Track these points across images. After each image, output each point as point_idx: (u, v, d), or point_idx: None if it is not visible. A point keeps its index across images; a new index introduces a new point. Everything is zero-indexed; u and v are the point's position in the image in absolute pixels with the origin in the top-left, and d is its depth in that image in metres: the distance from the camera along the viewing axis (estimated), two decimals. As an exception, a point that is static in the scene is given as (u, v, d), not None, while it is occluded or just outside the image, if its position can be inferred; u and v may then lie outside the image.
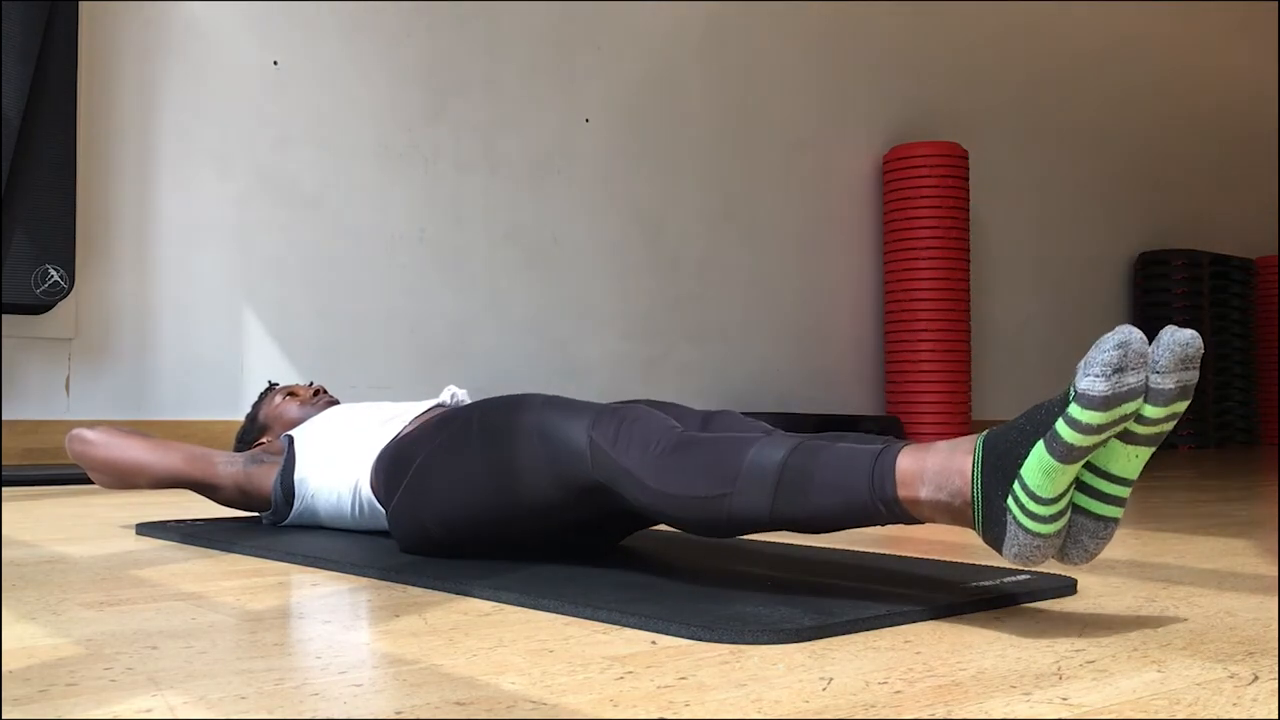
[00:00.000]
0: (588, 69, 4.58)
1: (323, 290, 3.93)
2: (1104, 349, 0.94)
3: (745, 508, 1.11)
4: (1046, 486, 0.98)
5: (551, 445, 1.26)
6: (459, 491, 1.35)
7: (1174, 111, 6.98)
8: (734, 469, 1.12)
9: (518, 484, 1.30)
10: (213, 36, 3.76)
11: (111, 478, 1.78)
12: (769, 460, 1.11)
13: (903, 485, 1.05)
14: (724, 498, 1.12)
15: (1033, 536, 0.99)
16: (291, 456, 1.72)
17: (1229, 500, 2.50)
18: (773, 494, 1.10)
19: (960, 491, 1.03)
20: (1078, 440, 0.96)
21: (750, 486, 1.11)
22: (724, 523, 1.13)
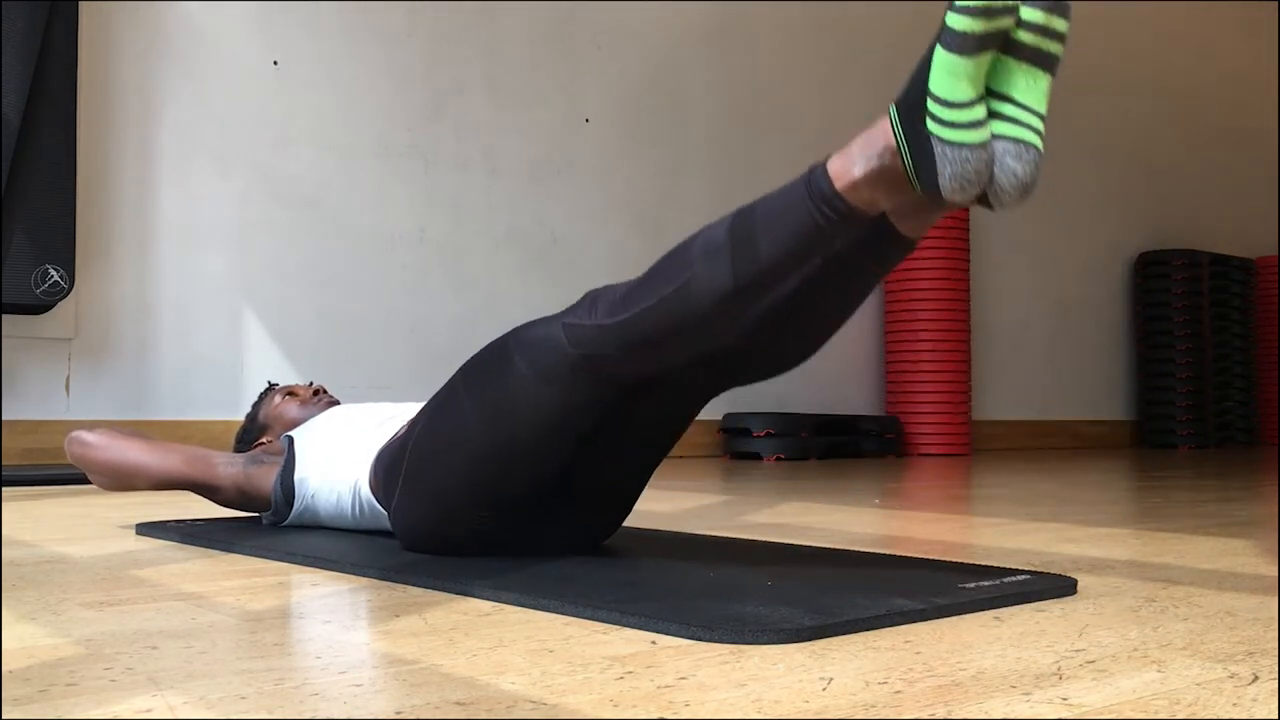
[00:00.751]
0: (588, 69, 4.58)
1: (323, 290, 3.93)
2: None
3: (709, 282, 1.15)
4: (955, 88, 1.04)
5: (530, 349, 1.28)
6: (458, 448, 1.34)
7: (1174, 111, 6.98)
8: (688, 257, 1.18)
9: (510, 406, 1.29)
10: (213, 36, 3.76)
11: (111, 479, 1.78)
12: (716, 234, 1.17)
13: (837, 178, 1.10)
14: (687, 284, 1.16)
15: (959, 149, 1.04)
16: (291, 457, 1.72)
17: (1229, 500, 2.50)
18: (729, 257, 1.14)
19: (886, 146, 1.08)
20: (969, 25, 1.03)
21: (707, 262, 1.15)
22: (696, 310, 1.16)
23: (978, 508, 2.34)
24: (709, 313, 1.15)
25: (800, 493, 2.76)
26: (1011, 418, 5.95)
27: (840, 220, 1.11)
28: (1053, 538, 1.75)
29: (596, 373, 1.25)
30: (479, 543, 1.40)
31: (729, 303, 1.14)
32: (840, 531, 1.86)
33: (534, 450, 1.32)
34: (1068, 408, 6.26)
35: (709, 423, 4.80)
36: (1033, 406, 6.07)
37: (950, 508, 2.33)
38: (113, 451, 1.77)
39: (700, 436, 4.77)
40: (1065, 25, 1.06)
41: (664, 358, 1.23)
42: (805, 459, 4.58)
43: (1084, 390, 6.35)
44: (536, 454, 1.32)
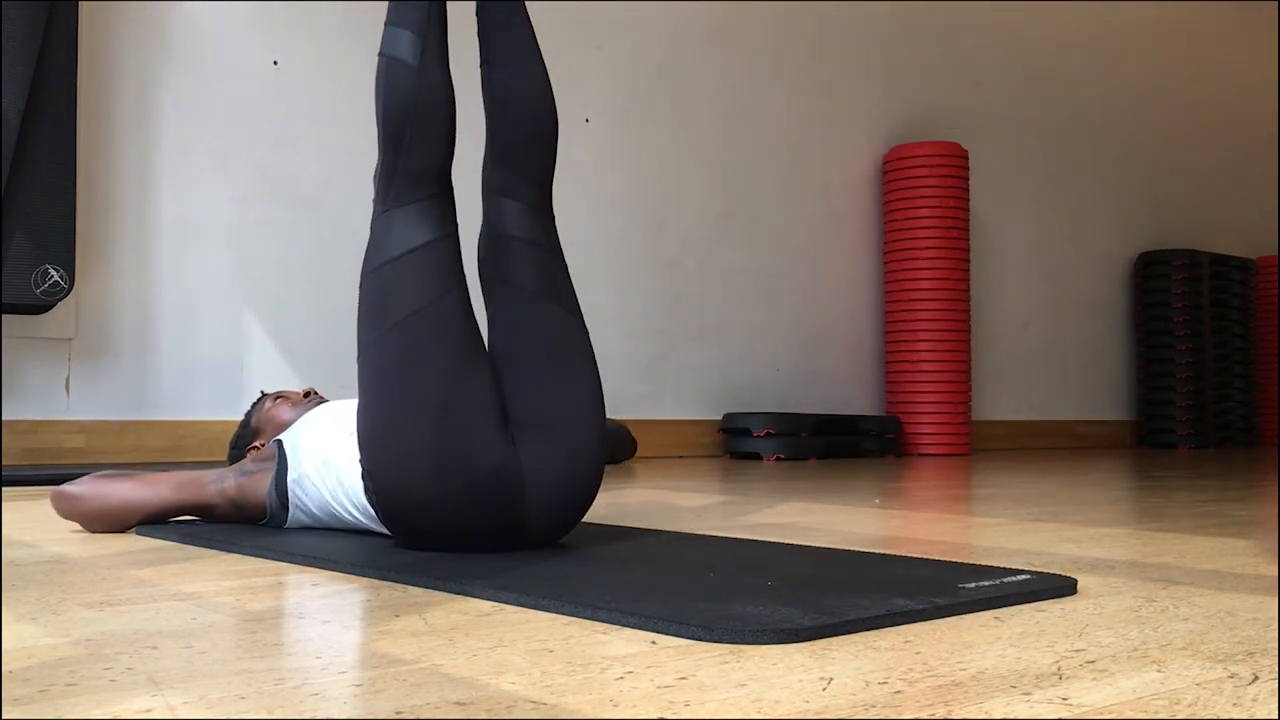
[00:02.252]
0: (588, 69, 4.58)
1: (323, 290, 3.93)
2: None
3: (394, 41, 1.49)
4: None
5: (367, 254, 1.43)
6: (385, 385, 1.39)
7: (1174, 111, 6.98)
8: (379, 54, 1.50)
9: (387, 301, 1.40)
10: (213, 36, 3.76)
11: (106, 524, 1.78)
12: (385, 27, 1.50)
13: None
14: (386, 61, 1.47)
15: None
16: (283, 460, 1.72)
17: (1229, 500, 2.50)
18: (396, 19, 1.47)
19: None
20: None
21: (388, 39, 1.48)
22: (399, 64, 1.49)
23: (978, 508, 2.34)
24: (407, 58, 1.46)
25: (800, 493, 2.76)
26: (1011, 418, 5.96)
27: None
28: (1053, 538, 1.75)
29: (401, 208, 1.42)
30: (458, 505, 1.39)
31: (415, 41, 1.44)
32: (840, 531, 1.86)
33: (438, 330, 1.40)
34: (1068, 408, 6.26)
35: (709, 423, 4.80)
36: (1033, 406, 6.07)
37: (950, 508, 2.34)
38: (101, 498, 1.76)
39: (700, 436, 4.78)
40: None
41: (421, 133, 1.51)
42: (805, 459, 4.58)
43: (1084, 390, 6.35)
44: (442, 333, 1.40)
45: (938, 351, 5.08)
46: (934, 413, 5.07)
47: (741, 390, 4.95)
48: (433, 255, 1.39)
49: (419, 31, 1.45)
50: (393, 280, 1.39)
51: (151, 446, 3.57)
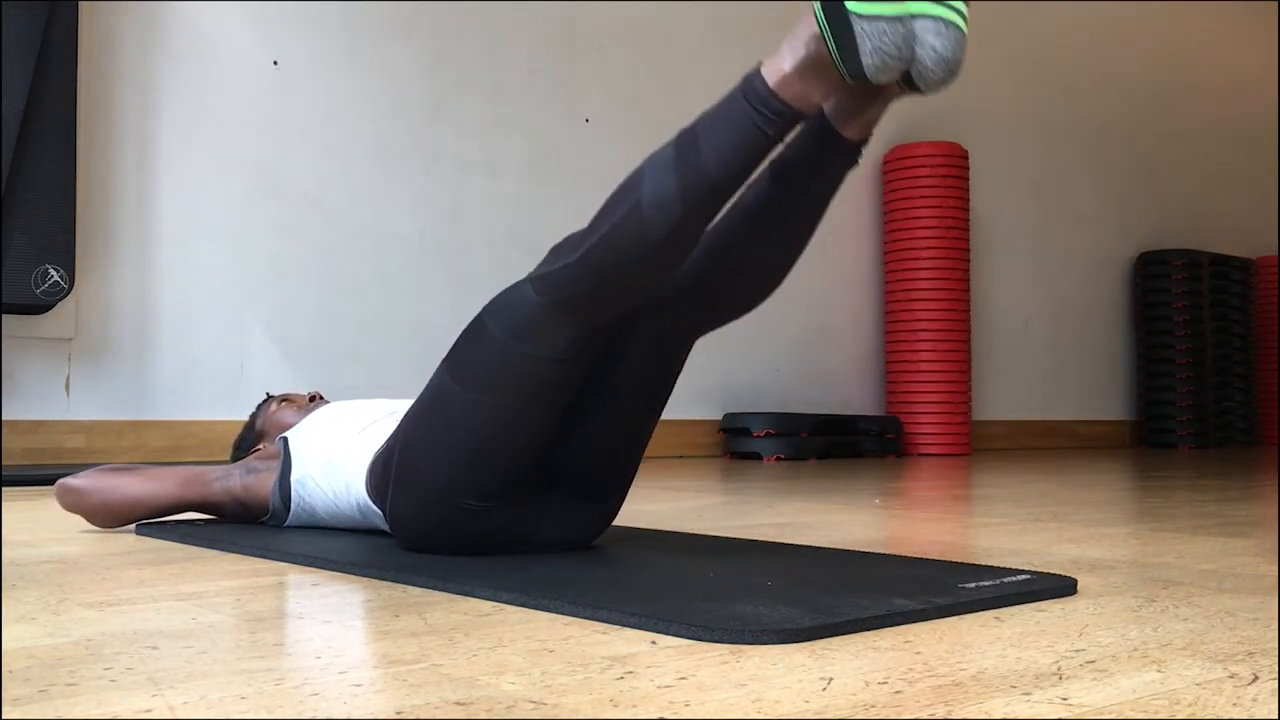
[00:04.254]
0: (588, 69, 4.58)
1: (323, 290, 3.93)
2: None
3: (658, 196, 1.18)
4: None
5: (504, 313, 1.30)
6: (445, 430, 1.34)
7: (1174, 111, 6.98)
8: (636, 180, 1.21)
9: (491, 377, 1.30)
10: (213, 36, 3.76)
11: (109, 519, 1.77)
12: (661, 154, 1.21)
13: (770, 76, 1.15)
14: (638, 203, 1.19)
15: (875, 22, 1.08)
16: (288, 459, 1.72)
17: (1229, 500, 2.50)
18: (675, 170, 1.17)
19: (810, 33, 1.13)
20: None
21: (654, 178, 1.19)
22: (650, 227, 1.19)
23: (978, 508, 2.34)
24: (662, 228, 1.19)
25: (800, 493, 2.76)
26: (1011, 418, 5.96)
27: (777, 119, 1.15)
28: (1053, 538, 1.75)
29: (565, 318, 1.26)
30: (474, 537, 1.40)
31: (679, 215, 1.18)
32: (840, 531, 1.86)
33: (519, 422, 1.32)
34: (1068, 408, 6.26)
35: (709, 423, 4.80)
36: (1033, 406, 6.07)
37: (950, 508, 2.34)
38: (105, 493, 1.75)
39: (700, 436, 4.78)
40: None
41: (631, 284, 1.25)
42: (805, 459, 4.58)
43: (1084, 390, 6.35)
44: (522, 426, 1.32)
45: (938, 351, 5.08)
46: (934, 413, 5.07)
47: (741, 390, 4.95)
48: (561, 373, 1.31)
49: (686, 199, 1.18)
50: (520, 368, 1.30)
51: (151, 446, 3.57)
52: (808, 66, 1.14)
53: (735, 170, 1.17)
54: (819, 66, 1.14)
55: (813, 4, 1.13)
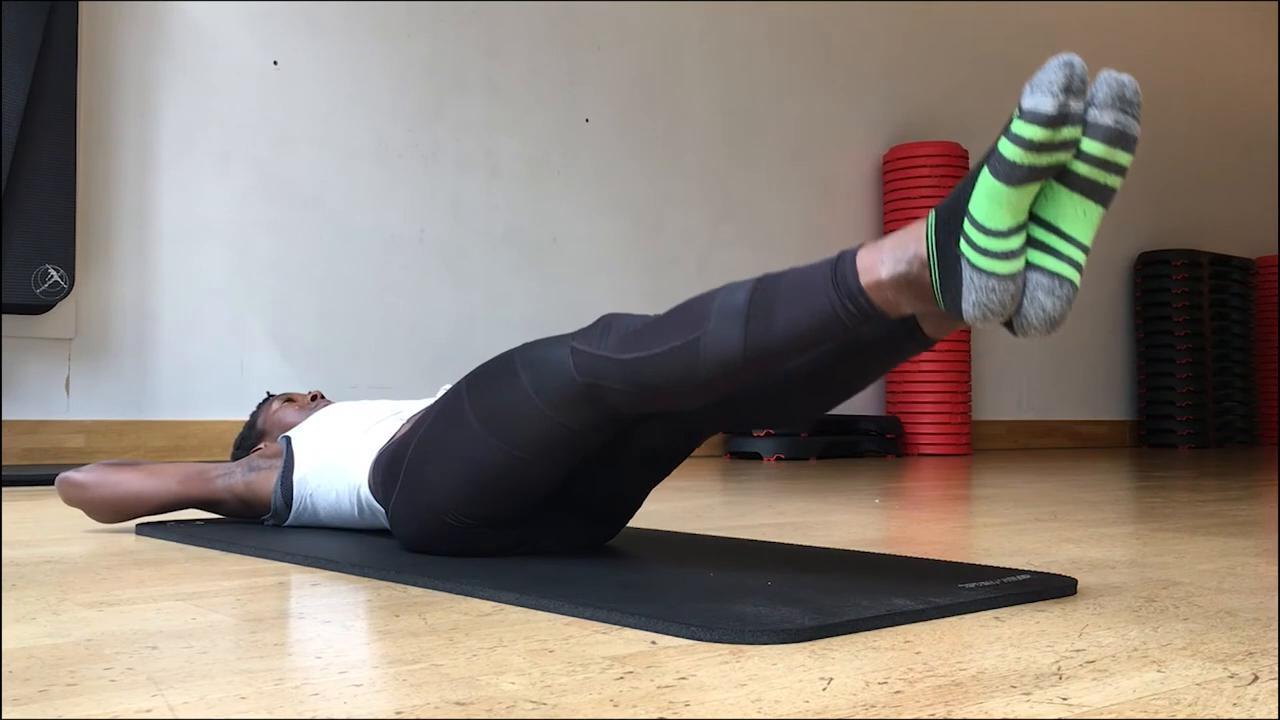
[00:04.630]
0: (588, 69, 4.58)
1: (323, 290, 3.93)
2: (1050, 69, 0.98)
3: (719, 345, 1.13)
4: (995, 216, 0.99)
5: (537, 369, 1.26)
6: (457, 459, 1.33)
7: (1174, 111, 6.98)
8: (704, 313, 1.15)
9: (512, 425, 1.28)
10: (213, 36, 3.76)
11: (110, 514, 1.77)
12: (735, 298, 1.13)
13: (864, 273, 1.07)
14: (697, 341, 1.14)
15: (987, 277, 1.00)
16: (290, 457, 1.72)
17: (1229, 500, 2.50)
18: (743, 325, 1.11)
19: (917, 255, 1.04)
20: (1020, 157, 0.98)
21: (721, 324, 1.13)
22: (702, 368, 1.14)
23: (978, 508, 2.34)
24: (713, 373, 1.14)
25: (800, 493, 2.76)
26: (1011, 418, 5.96)
27: (860, 315, 1.08)
28: (1053, 538, 1.75)
29: (599, 403, 1.24)
30: (475, 549, 1.40)
31: (735, 368, 1.13)
32: (840, 531, 1.86)
33: (533, 468, 1.31)
34: (1068, 408, 6.26)
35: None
36: (1033, 406, 6.07)
37: (950, 508, 2.33)
38: (107, 487, 1.75)
39: (700, 436, 4.77)
40: (1129, 159, 1.00)
41: (666, 404, 1.22)
42: (805, 459, 4.58)
43: (1084, 390, 6.35)
44: (535, 472, 1.32)
45: (938, 351, 5.08)
46: (934, 413, 5.07)
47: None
48: (579, 441, 1.29)
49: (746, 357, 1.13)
50: (540, 426, 1.28)
51: (151, 446, 3.57)
52: (905, 283, 1.06)
53: (802, 346, 1.11)
54: (917, 288, 1.06)
55: (926, 224, 1.05)
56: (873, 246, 1.09)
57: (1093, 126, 0.99)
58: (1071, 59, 0.98)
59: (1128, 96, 0.99)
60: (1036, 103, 0.97)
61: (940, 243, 1.04)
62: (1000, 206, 0.99)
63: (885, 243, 1.08)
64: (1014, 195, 0.99)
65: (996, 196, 1.00)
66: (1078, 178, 1.00)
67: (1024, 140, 0.98)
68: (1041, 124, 0.97)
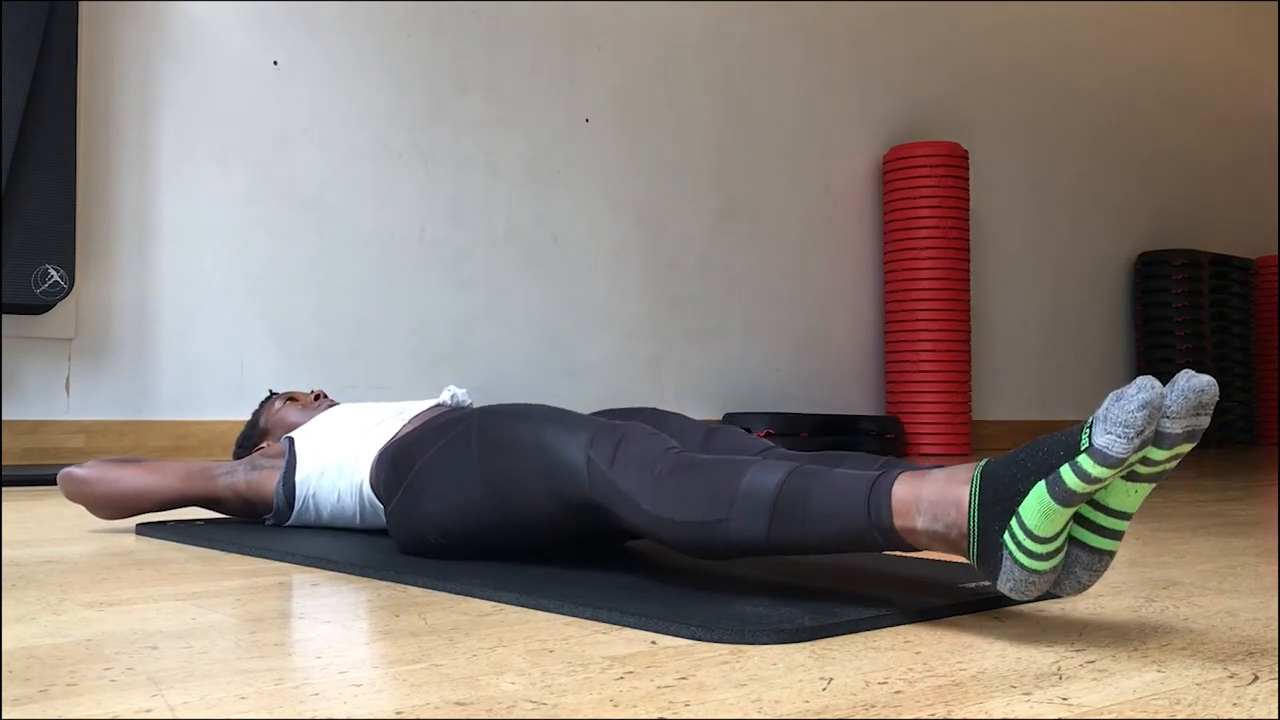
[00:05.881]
0: (588, 69, 4.58)
1: (323, 290, 3.93)
2: (1130, 408, 0.91)
3: (741, 533, 1.11)
4: (1045, 527, 0.96)
5: (549, 460, 1.26)
6: (456, 500, 1.36)
7: (1174, 111, 6.98)
8: (730, 494, 1.12)
9: (514, 497, 1.30)
10: (213, 36, 3.76)
11: (112, 510, 1.77)
12: (765, 486, 1.10)
13: (899, 515, 1.04)
14: (720, 523, 1.12)
15: (1028, 573, 0.97)
16: (293, 457, 1.72)
17: (1229, 500, 2.50)
18: (769, 520, 1.09)
19: (956, 523, 1.01)
20: (1082, 488, 0.94)
21: (746, 512, 1.10)
22: (720, 548, 1.13)
23: (978, 508, 2.33)
24: (730, 550, 1.13)
25: (800, 493, 2.75)
26: (1011, 418, 5.96)
27: (887, 544, 1.07)
28: (1053, 538, 1.75)
29: (606, 515, 1.24)
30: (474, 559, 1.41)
31: (755, 549, 1.12)
32: (840, 531, 1.86)
33: (523, 530, 1.34)
34: (1068, 408, 6.26)
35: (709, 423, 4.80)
36: (1033, 406, 6.07)
37: (950, 508, 2.33)
38: (109, 483, 1.74)
39: (700, 436, 4.77)
40: (1189, 448, 0.95)
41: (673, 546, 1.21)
42: (805, 459, 4.57)
43: (1084, 390, 6.35)
44: (524, 535, 1.35)
45: (938, 351, 5.08)
46: (934, 413, 5.07)
47: (741, 390, 4.95)
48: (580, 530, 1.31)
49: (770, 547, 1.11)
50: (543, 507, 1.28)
51: (151, 447, 3.57)
52: (939, 540, 1.03)
53: (825, 550, 1.10)
54: (952, 548, 1.03)
55: (970, 493, 1.01)
56: (910, 484, 1.05)
57: (1163, 436, 0.93)
58: (1153, 397, 0.91)
59: (1205, 402, 0.93)
60: (1110, 444, 0.92)
61: (984, 522, 1.00)
62: (1052, 520, 0.96)
63: (925, 488, 1.04)
64: (1069, 512, 0.96)
65: (1050, 513, 0.96)
66: (1139, 475, 0.96)
67: (1090, 476, 0.93)
68: (1112, 466, 0.92)
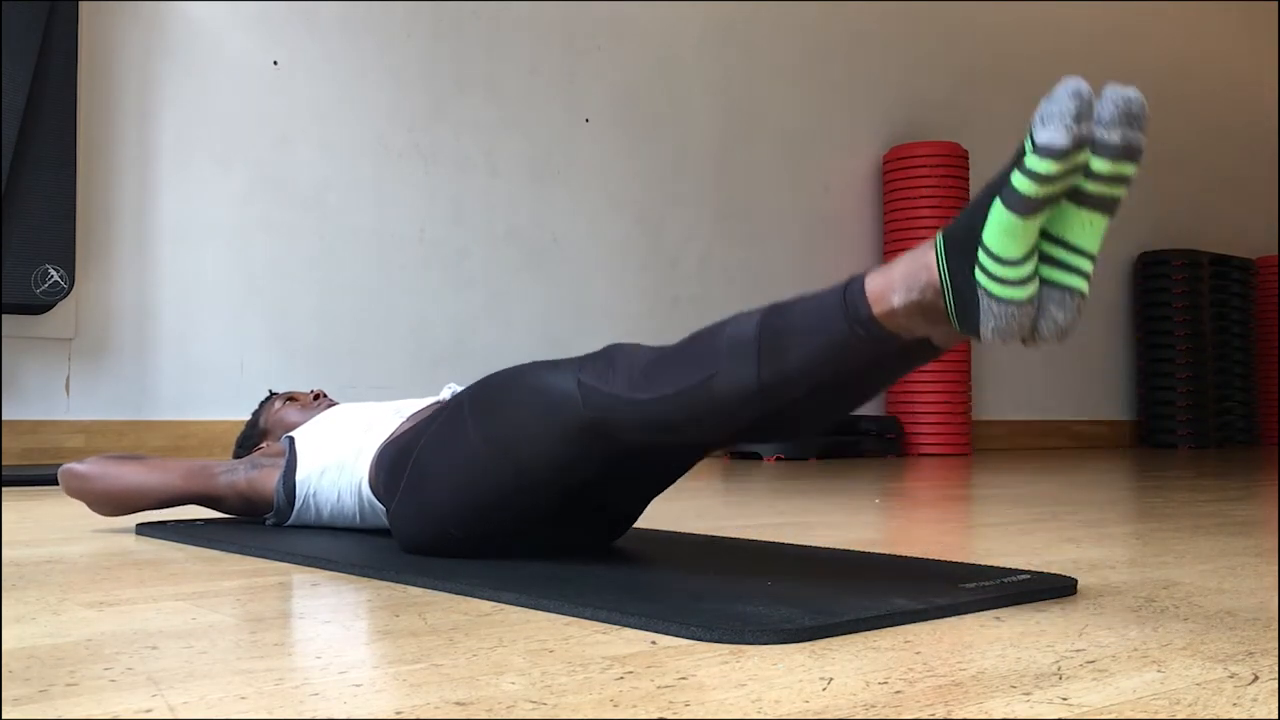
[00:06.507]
0: (588, 69, 4.58)
1: (323, 290, 3.93)
2: (1059, 100, 0.97)
3: (733, 381, 1.13)
4: (1010, 246, 1.00)
5: (543, 397, 1.26)
6: (459, 474, 1.34)
7: (1174, 112, 6.97)
8: (715, 350, 1.15)
9: (516, 448, 1.29)
10: (213, 36, 3.76)
11: (112, 507, 1.76)
12: (745, 331, 1.13)
13: (875, 303, 1.07)
14: (711, 379, 1.14)
15: (1005, 304, 1.01)
16: (293, 457, 1.72)
17: (1229, 500, 2.50)
18: (756, 359, 1.12)
19: (930, 283, 1.05)
20: (1034, 191, 0.99)
21: (733, 360, 1.13)
22: (717, 406, 1.14)
23: (978, 508, 2.34)
24: (729, 407, 1.14)
25: (800, 493, 2.76)
26: (1011, 418, 5.95)
27: (874, 341, 1.09)
28: (1053, 538, 1.75)
29: (606, 436, 1.24)
30: (475, 553, 1.41)
31: (751, 403, 1.13)
32: (840, 531, 1.86)
33: (534, 490, 1.32)
34: (1068, 408, 6.26)
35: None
36: (1033, 406, 6.07)
37: (950, 508, 2.33)
38: (109, 480, 1.74)
39: (700, 436, 4.77)
40: (1134, 170, 1.01)
41: (680, 439, 1.22)
42: (805, 459, 4.58)
43: (1084, 390, 6.35)
44: (535, 495, 1.33)
45: (938, 351, 5.08)
46: (934, 413, 5.07)
47: (741, 390, 4.94)
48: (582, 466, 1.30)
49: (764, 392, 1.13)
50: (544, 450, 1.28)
51: (151, 446, 3.57)
52: (918, 310, 1.06)
53: (817, 374, 1.11)
54: (931, 313, 1.06)
55: (935, 252, 1.04)
56: (881, 274, 1.09)
57: (1101, 145, 0.99)
58: (1079, 86, 0.98)
59: (1134, 112, 0.99)
60: (1050, 137, 0.97)
61: (953, 271, 1.04)
62: (1015, 237, 1.00)
63: (894, 270, 1.08)
64: (1028, 224, 1.00)
65: (1011, 229, 1.00)
66: (1086, 194, 1.01)
67: (1038, 175, 0.98)
68: (1056, 158, 0.97)
